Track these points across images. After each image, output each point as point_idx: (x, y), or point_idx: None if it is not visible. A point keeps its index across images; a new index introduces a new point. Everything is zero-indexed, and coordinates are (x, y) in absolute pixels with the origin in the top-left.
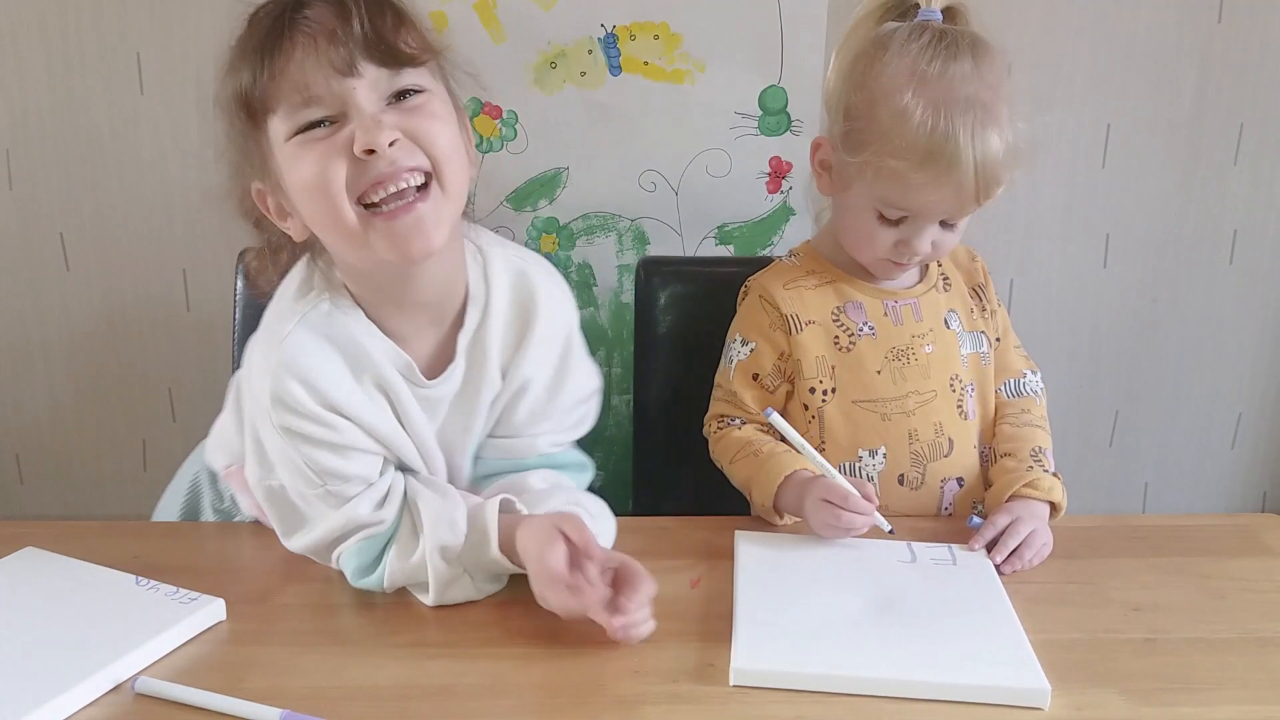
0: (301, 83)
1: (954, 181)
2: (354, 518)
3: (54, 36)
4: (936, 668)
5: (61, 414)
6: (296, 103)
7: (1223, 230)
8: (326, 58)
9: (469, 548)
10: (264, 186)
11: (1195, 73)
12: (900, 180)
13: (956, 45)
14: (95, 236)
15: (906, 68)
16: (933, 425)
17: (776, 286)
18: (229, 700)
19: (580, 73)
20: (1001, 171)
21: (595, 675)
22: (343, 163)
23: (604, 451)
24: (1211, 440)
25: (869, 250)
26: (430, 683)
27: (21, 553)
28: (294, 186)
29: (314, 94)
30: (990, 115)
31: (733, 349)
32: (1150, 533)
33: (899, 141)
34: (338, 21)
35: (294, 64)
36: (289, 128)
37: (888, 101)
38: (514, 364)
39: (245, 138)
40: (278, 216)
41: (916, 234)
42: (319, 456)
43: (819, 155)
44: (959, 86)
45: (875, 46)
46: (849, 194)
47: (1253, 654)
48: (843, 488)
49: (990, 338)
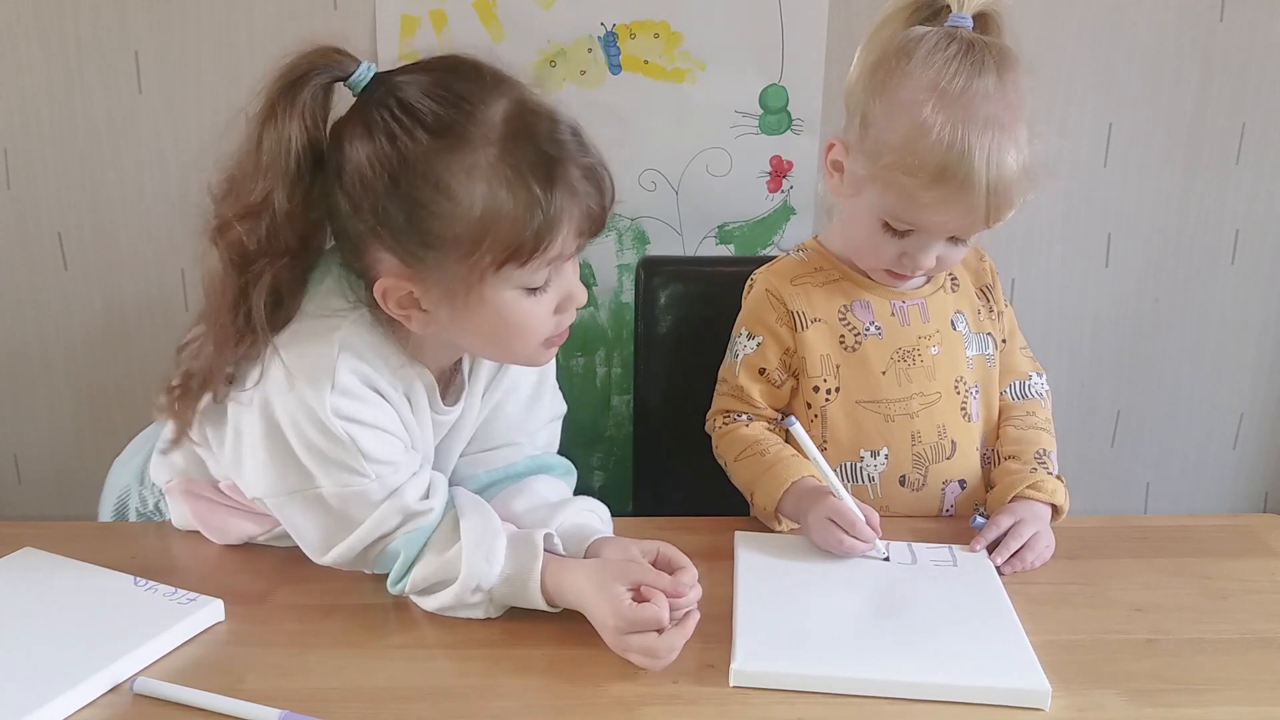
0: (557, 254)
1: (965, 203)
2: (404, 505)
3: (52, 35)
4: (937, 669)
5: (60, 414)
6: (541, 263)
7: (1224, 230)
8: (582, 231)
9: (504, 583)
10: (416, 291)
11: (1197, 72)
12: (909, 197)
13: (982, 60)
14: (94, 236)
15: (929, 80)
16: (936, 427)
17: (784, 281)
18: (227, 701)
19: (580, 71)
20: (1015, 194)
21: (595, 676)
22: (550, 315)
23: (604, 451)
24: (1213, 440)
25: (871, 259)
26: (430, 683)
27: (20, 553)
28: (489, 317)
29: (562, 257)
30: (1009, 137)
31: (738, 343)
32: (1151, 533)
33: (912, 158)
34: (601, 202)
35: (561, 240)
36: (521, 281)
37: (905, 114)
38: (494, 385)
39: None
40: (399, 306)
41: (922, 248)
42: (371, 442)
43: (831, 155)
44: (980, 105)
45: (899, 53)
46: (857, 200)
47: (1254, 654)
48: (851, 513)
49: (997, 339)
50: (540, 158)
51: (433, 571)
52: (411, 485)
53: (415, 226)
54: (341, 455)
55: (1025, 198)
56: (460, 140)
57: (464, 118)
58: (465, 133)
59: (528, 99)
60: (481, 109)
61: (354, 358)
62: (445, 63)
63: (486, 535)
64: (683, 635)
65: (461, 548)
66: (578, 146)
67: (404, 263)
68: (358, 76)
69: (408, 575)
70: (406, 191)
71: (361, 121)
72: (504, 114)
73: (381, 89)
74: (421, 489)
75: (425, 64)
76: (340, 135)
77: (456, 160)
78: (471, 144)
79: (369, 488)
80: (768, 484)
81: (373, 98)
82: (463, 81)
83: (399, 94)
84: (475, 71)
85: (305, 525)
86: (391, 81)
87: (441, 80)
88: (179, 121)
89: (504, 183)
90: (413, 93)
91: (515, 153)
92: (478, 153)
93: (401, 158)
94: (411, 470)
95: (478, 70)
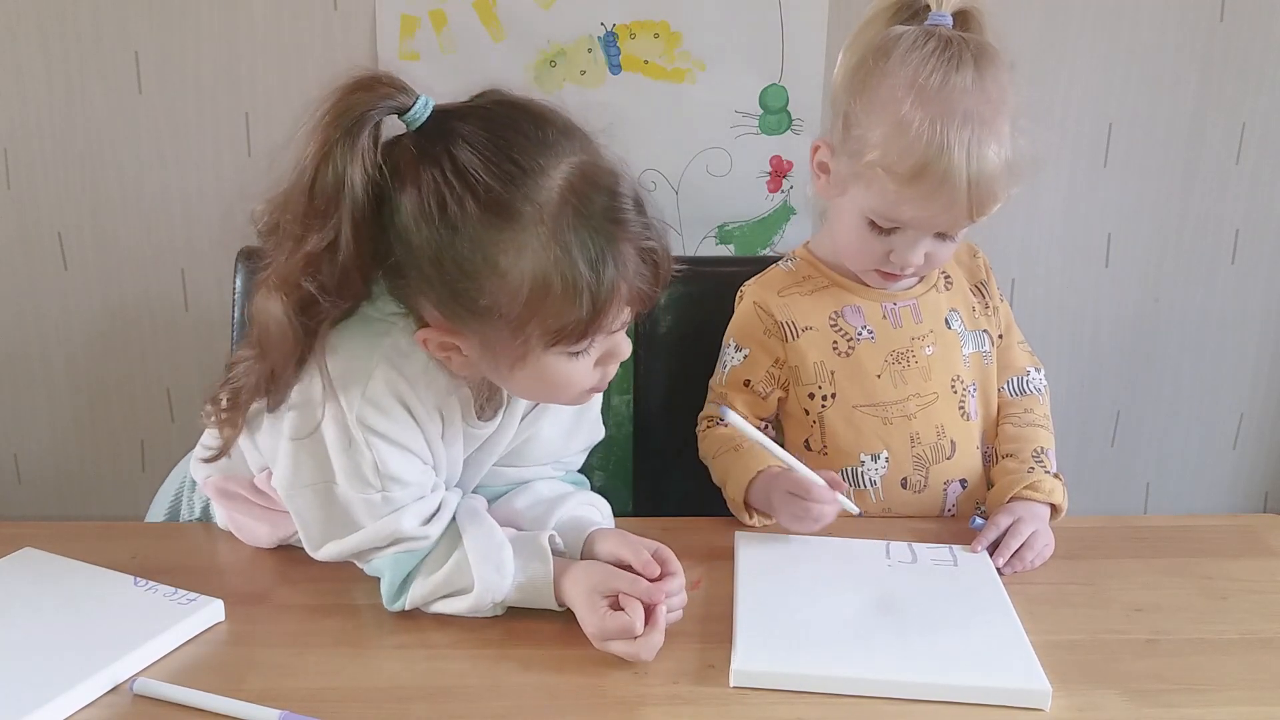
0: (604, 331)
1: (946, 198)
2: (398, 529)
3: (52, 35)
4: (937, 669)
5: (60, 414)
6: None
7: (1224, 230)
8: (633, 308)
9: (517, 590)
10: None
11: (1197, 72)
12: (891, 194)
13: (960, 56)
14: (93, 236)
15: (906, 78)
16: (935, 427)
17: (770, 293)
18: (227, 701)
19: (580, 71)
20: (998, 188)
21: (595, 676)
22: (593, 370)
23: (604, 451)
24: (1213, 440)
25: (860, 259)
26: (430, 683)
27: (20, 553)
28: (531, 375)
29: (609, 332)
30: (989, 130)
31: (727, 354)
32: (1151, 533)
33: (892, 155)
34: (656, 284)
35: (609, 319)
36: (565, 349)
37: (884, 112)
38: (536, 411)
39: (484, 329)
40: (439, 350)
41: (909, 246)
42: (388, 456)
43: (817, 157)
44: (958, 100)
45: (878, 53)
46: (843, 200)
47: (1254, 655)
48: (806, 479)
49: (993, 335)
50: (595, 238)
51: (436, 586)
52: (414, 508)
53: (460, 295)
54: (357, 461)
55: (1010, 192)
56: (513, 218)
57: (519, 193)
58: (518, 210)
59: (589, 165)
60: (537, 180)
61: (391, 369)
62: (508, 113)
63: (492, 548)
64: (658, 634)
65: (468, 559)
66: (637, 222)
67: (446, 318)
68: (415, 114)
69: (404, 595)
70: (454, 260)
71: (413, 180)
72: (561, 187)
73: (438, 136)
74: (424, 514)
75: (487, 110)
76: (392, 182)
77: (507, 238)
78: (524, 222)
79: (374, 499)
80: (736, 475)
81: (427, 151)
82: (522, 142)
83: (453, 150)
84: (538, 129)
85: (310, 517)
86: (449, 129)
87: (500, 140)
88: (179, 121)
89: (554, 264)
90: (467, 156)
91: (569, 234)
92: (529, 231)
93: (451, 227)
94: (421, 492)
95: (540, 127)
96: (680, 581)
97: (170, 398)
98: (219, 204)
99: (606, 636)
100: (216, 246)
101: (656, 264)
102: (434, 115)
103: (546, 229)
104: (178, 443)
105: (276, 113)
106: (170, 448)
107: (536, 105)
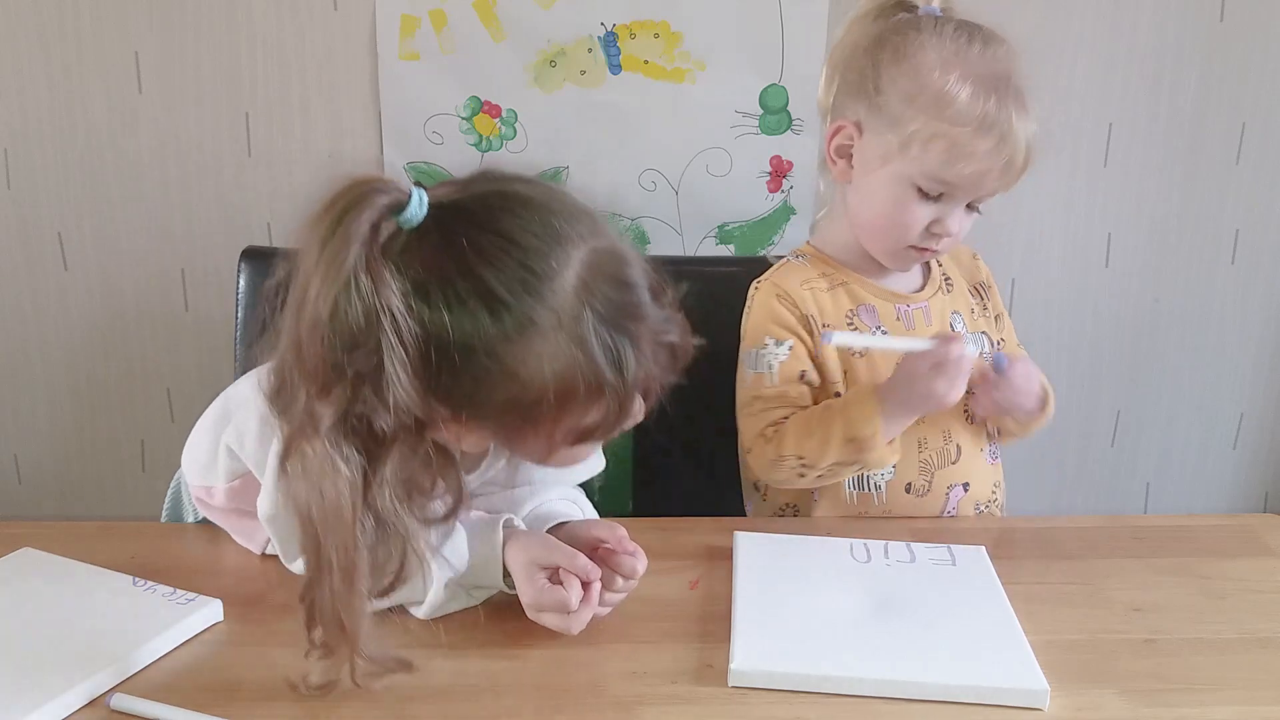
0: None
1: (1007, 153)
2: None
3: (52, 35)
4: (935, 668)
5: (59, 414)
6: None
7: (1224, 230)
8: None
9: (470, 571)
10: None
11: (1197, 72)
12: (955, 149)
13: (983, 32)
14: (94, 236)
15: (947, 47)
16: (941, 432)
17: (793, 284)
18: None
19: (580, 71)
20: (1034, 154)
21: (594, 676)
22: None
23: (604, 452)
24: (1213, 440)
25: (896, 234)
26: (430, 683)
27: (19, 553)
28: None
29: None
30: (1028, 96)
31: (766, 354)
32: (1151, 533)
33: (954, 111)
34: (674, 375)
35: (637, 409)
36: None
37: (934, 74)
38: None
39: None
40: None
41: (950, 212)
42: None
43: (837, 140)
44: (1001, 66)
45: (903, 30)
46: (878, 175)
47: (1253, 655)
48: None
49: (992, 337)
50: (614, 337)
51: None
52: None
53: (479, 398)
54: None
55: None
56: (529, 329)
57: (535, 302)
58: (535, 321)
59: (600, 255)
60: (551, 284)
61: None
62: (508, 206)
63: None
64: (589, 611)
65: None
66: (656, 316)
67: (455, 418)
68: (410, 215)
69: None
70: (471, 371)
71: (418, 289)
72: (575, 286)
73: (442, 244)
74: None
75: (486, 204)
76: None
77: (525, 348)
78: (542, 331)
79: None
80: (855, 415)
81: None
82: (530, 241)
83: (461, 260)
84: (542, 221)
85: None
86: (450, 232)
87: (506, 241)
88: (179, 121)
89: (576, 367)
90: (477, 266)
91: (590, 338)
92: (548, 339)
93: (465, 344)
94: None
95: (545, 219)
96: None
97: (170, 398)
98: (219, 204)
99: (541, 608)
100: (216, 247)
101: (675, 358)
102: (431, 213)
103: (565, 334)
104: (178, 443)
105: (276, 113)
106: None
107: (539, 191)
